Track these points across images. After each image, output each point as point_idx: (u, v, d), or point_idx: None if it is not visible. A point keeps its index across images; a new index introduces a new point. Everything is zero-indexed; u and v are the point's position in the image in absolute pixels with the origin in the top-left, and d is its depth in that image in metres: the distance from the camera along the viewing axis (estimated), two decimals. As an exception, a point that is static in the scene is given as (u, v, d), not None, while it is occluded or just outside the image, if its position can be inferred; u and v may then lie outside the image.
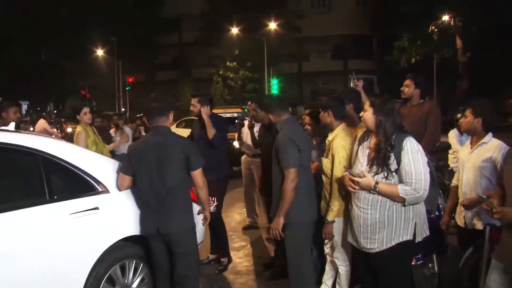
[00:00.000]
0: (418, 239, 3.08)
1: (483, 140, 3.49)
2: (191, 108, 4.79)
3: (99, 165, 3.43)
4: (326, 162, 3.69)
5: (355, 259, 3.48)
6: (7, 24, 30.71)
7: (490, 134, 3.52)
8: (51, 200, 3.06)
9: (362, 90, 4.49)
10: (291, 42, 32.32)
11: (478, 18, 21.49)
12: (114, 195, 3.37)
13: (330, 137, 3.74)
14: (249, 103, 5.42)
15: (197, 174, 3.39)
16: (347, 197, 3.45)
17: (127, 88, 35.92)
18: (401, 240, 3.03)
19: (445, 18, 23.09)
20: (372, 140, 3.14)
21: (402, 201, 3.00)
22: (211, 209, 4.28)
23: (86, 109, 5.14)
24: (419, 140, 3.27)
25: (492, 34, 21.85)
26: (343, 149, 3.55)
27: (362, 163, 3.14)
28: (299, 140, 3.57)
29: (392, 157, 3.00)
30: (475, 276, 3.27)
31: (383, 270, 3.09)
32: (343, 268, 3.77)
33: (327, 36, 35.81)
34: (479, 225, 3.40)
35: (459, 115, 3.63)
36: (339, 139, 3.62)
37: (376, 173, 3.02)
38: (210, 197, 3.90)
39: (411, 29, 24.21)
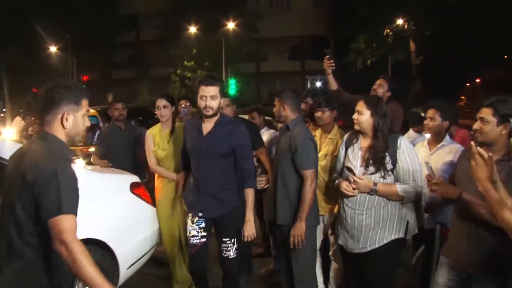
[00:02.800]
0: (409, 236, 3.12)
1: (443, 143, 3.55)
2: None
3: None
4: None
5: (344, 261, 3.43)
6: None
7: (447, 136, 3.60)
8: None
9: (332, 74, 4.41)
10: (249, 42, 32.38)
11: (430, 23, 22.20)
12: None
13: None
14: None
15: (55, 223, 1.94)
16: (335, 198, 3.47)
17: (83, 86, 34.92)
18: (393, 238, 3.05)
19: (400, 22, 23.72)
20: (365, 142, 3.13)
21: (401, 199, 3.00)
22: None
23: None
24: None
25: (443, 38, 22.66)
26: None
27: (355, 165, 3.11)
28: (314, 140, 3.52)
29: (388, 157, 3.00)
30: (426, 273, 3.35)
31: (372, 269, 3.08)
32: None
33: (285, 37, 36.13)
34: (431, 224, 3.48)
35: (427, 117, 3.62)
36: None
37: (372, 174, 3.01)
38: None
39: (367, 31, 24.72)
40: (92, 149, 8.04)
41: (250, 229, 3.45)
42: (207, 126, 3.51)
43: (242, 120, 4.79)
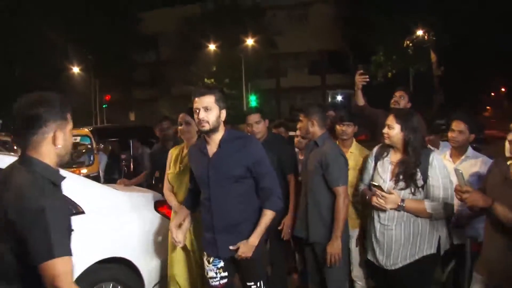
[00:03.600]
0: (441, 252, 3.06)
1: (466, 154, 3.49)
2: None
3: (73, 185, 3.31)
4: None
5: (373, 278, 3.40)
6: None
7: (470, 147, 3.54)
8: None
9: (361, 90, 4.35)
10: (269, 58, 32.58)
11: (450, 34, 22.03)
12: (89, 216, 3.26)
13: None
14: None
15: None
16: (364, 213, 3.45)
17: (104, 106, 35.55)
18: (424, 254, 2.99)
19: (419, 33, 23.58)
20: (395, 156, 3.09)
21: (429, 217, 2.95)
22: None
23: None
24: None
25: (464, 49, 22.42)
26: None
27: (384, 179, 3.08)
28: (345, 156, 3.50)
29: (419, 173, 2.96)
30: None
31: (403, 286, 3.02)
32: (361, 284, 3.72)
33: (304, 52, 36.15)
34: (460, 239, 3.40)
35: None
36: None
37: (402, 189, 2.98)
38: None
39: (386, 44, 24.65)
40: (84, 170, 8.08)
41: (246, 250, 2.86)
42: (212, 146, 2.95)
43: (278, 138, 4.59)
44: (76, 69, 33.80)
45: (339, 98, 28.20)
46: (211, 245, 2.98)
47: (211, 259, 3.02)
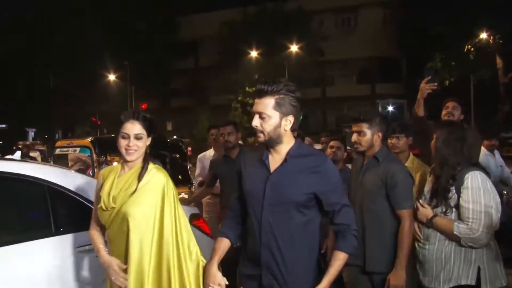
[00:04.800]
0: (485, 287, 2.93)
1: None
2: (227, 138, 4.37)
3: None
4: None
5: None
6: (14, 47, 31.72)
7: None
8: (57, 233, 3.08)
9: (423, 100, 4.18)
10: (314, 66, 32.55)
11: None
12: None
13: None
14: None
15: None
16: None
17: (140, 114, 36.37)
18: (459, 283, 2.94)
19: (483, 36, 22.88)
20: (437, 171, 3.11)
21: (457, 240, 2.91)
22: None
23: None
24: None
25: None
26: None
27: (425, 195, 3.12)
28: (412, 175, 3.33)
29: (453, 191, 2.94)
30: None
31: None
32: None
33: (352, 59, 35.91)
34: None
35: None
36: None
37: (435, 207, 2.97)
38: None
39: (444, 49, 24.09)
40: None
41: None
42: (276, 159, 2.51)
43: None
44: (112, 77, 34.85)
45: (390, 108, 27.70)
46: (253, 282, 2.54)
47: None
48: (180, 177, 7.97)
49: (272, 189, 2.45)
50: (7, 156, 3.69)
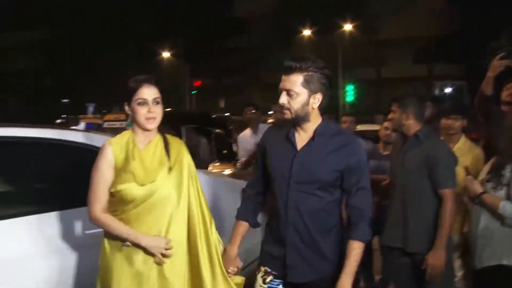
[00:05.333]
0: None
1: None
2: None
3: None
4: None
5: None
6: (74, 26, 32.82)
7: None
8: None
9: (493, 78, 3.99)
10: (368, 45, 31.76)
11: None
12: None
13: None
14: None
15: None
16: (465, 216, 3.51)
17: (193, 92, 36.92)
18: (500, 263, 3.03)
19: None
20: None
21: (501, 219, 2.96)
22: None
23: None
24: None
25: None
26: None
27: (483, 170, 3.26)
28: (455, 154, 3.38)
29: (508, 169, 3.04)
30: None
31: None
32: None
33: (409, 38, 34.65)
34: None
35: None
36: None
37: (488, 181, 3.06)
38: None
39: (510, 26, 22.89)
40: None
41: None
42: (302, 136, 2.48)
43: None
44: (166, 54, 35.41)
45: (448, 90, 26.74)
46: (276, 262, 2.51)
47: (269, 278, 2.54)
48: (225, 152, 7.98)
49: (299, 167, 2.43)
50: (72, 127, 3.81)
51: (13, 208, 2.94)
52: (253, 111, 5.96)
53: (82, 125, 4.15)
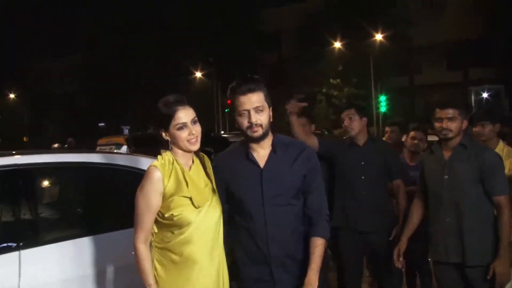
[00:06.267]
0: None
1: None
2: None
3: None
4: None
5: None
6: (106, 48, 33.72)
7: None
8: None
9: None
10: (400, 53, 31.42)
11: None
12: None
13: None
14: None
15: None
16: None
17: (226, 110, 37.24)
18: None
19: None
20: None
21: None
22: None
23: None
24: None
25: None
26: None
27: None
28: None
29: None
30: None
31: None
32: None
33: (442, 43, 34.09)
34: None
35: None
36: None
37: None
38: None
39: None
40: None
41: None
42: (260, 153, 2.56)
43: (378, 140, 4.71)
44: (198, 74, 35.90)
45: (485, 95, 26.09)
46: (260, 282, 2.54)
47: None
48: None
49: (270, 182, 2.50)
50: (115, 150, 3.91)
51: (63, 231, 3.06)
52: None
53: (124, 149, 4.21)
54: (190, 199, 2.38)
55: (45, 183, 3.15)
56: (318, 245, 2.51)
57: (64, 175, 3.20)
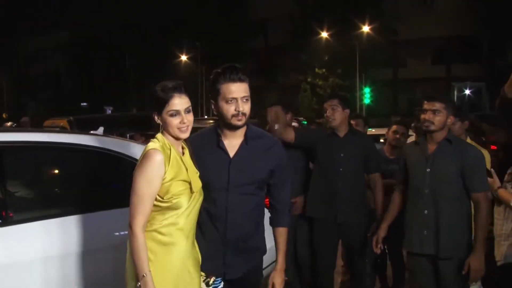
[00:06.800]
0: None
1: None
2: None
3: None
4: None
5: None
6: (93, 30, 33.26)
7: None
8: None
9: None
10: (386, 46, 31.49)
11: None
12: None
13: None
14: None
15: None
16: None
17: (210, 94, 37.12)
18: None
19: None
20: None
21: None
22: None
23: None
24: None
25: None
26: None
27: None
28: None
29: None
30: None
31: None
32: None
33: (427, 38, 34.27)
34: None
35: None
36: None
37: (508, 181, 3.38)
38: None
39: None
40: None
41: (280, 281, 2.69)
42: (232, 142, 2.62)
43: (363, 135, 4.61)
44: (184, 57, 35.63)
45: (467, 92, 26.34)
46: (215, 262, 2.63)
47: (212, 280, 2.65)
48: None
49: (238, 171, 2.58)
50: (91, 132, 3.82)
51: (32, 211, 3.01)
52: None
53: (100, 130, 4.06)
54: (189, 183, 2.43)
55: (14, 161, 3.05)
56: (284, 234, 2.73)
57: (31, 154, 3.14)
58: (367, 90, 30.33)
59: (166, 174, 2.37)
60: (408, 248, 3.44)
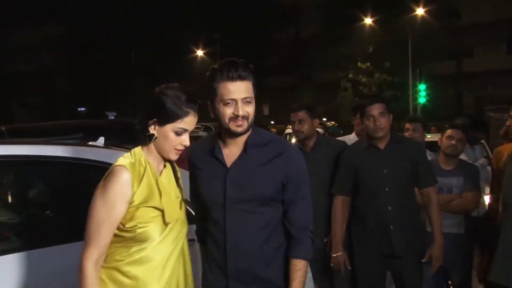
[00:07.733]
0: None
1: None
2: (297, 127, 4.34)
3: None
4: None
5: None
6: (94, 22, 33.77)
7: None
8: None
9: None
10: (447, 33, 30.97)
11: None
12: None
13: None
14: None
15: None
16: None
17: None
18: None
19: None
20: None
21: None
22: None
23: None
24: None
25: None
26: None
27: None
28: None
29: None
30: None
31: None
32: None
33: (500, 21, 33.55)
34: None
35: None
36: None
37: None
38: None
39: None
40: None
41: None
42: (233, 151, 2.60)
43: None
44: (200, 52, 35.83)
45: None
46: None
47: None
48: None
49: (234, 185, 2.55)
50: (90, 143, 3.84)
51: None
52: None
53: (101, 140, 4.02)
54: (162, 212, 2.39)
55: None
56: (300, 269, 2.57)
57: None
58: (422, 87, 29.93)
59: (134, 197, 2.32)
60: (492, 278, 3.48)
